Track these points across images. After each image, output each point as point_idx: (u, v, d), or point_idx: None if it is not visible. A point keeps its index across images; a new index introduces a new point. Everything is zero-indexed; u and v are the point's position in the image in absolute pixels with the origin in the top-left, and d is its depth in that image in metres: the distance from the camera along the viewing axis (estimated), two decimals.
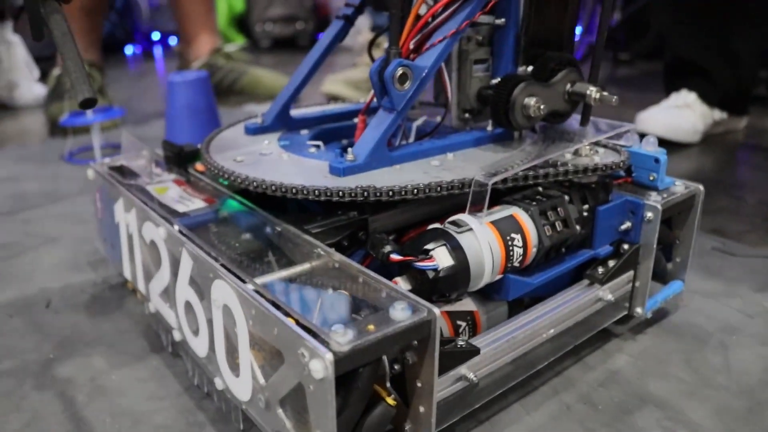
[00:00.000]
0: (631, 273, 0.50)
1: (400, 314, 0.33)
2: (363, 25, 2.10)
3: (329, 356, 0.30)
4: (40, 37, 0.38)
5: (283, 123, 0.55)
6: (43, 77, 1.55)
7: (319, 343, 0.30)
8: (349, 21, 0.56)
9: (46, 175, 0.98)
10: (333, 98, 1.54)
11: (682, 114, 1.13)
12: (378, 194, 0.40)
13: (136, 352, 0.51)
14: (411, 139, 0.52)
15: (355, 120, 0.58)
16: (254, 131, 0.54)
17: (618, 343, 0.52)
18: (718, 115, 1.16)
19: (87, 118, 1.11)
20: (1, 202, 0.86)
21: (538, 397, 0.46)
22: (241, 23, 2.61)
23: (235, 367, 0.39)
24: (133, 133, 0.63)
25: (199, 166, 0.55)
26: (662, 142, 1.12)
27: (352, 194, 0.40)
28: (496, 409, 0.44)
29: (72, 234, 0.75)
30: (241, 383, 0.38)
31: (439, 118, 0.51)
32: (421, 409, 0.36)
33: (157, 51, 2.58)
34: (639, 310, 0.51)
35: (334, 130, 0.57)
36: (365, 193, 0.40)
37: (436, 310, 0.33)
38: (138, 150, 0.60)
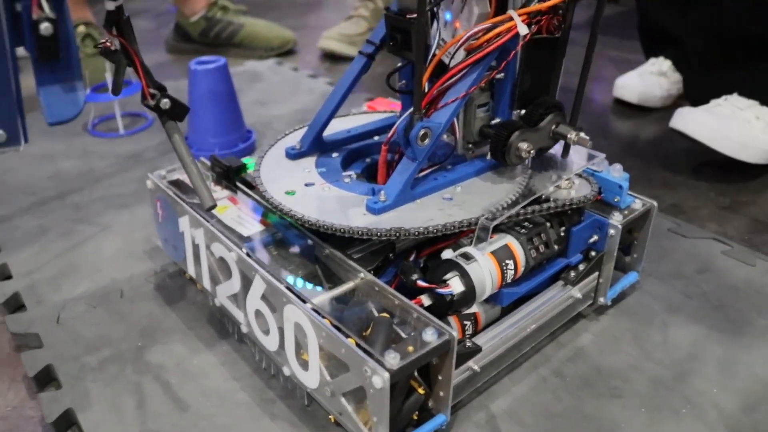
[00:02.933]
0: (596, 273, 0.64)
1: (430, 337, 0.47)
2: None
3: (386, 374, 0.43)
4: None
5: (317, 147, 0.66)
6: None
7: (377, 364, 0.44)
8: (371, 58, 0.66)
9: (76, 151, 1.07)
10: (329, 55, 1.61)
11: (656, 81, 1.24)
12: (407, 234, 0.52)
13: (207, 338, 0.65)
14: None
15: (376, 138, 0.70)
16: (294, 156, 0.65)
17: (585, 324, 0.67)
18: None
19: (109, 95, 1.19)
20: (46, 184, 0.96)
21: (522, 371, 0.61)
22: None
23: (303, 363, 0.52)
24: None
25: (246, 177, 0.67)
26: (637, 107, 1.23)
27: (388, 235, 0.52)
28: (491, 383, 0.59)
29: (121, 221, 0.86)
30: (310, 376, 0.52)
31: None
32: (441, 393, 0.51)
33: None
34: (602, 299, 0.66)
35: (359, 149, 0.68)
36: (397, 234, 0.52)
37: (455, 333, 0.47)
38: None
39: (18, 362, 0.63)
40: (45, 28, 0.34)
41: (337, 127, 0.70)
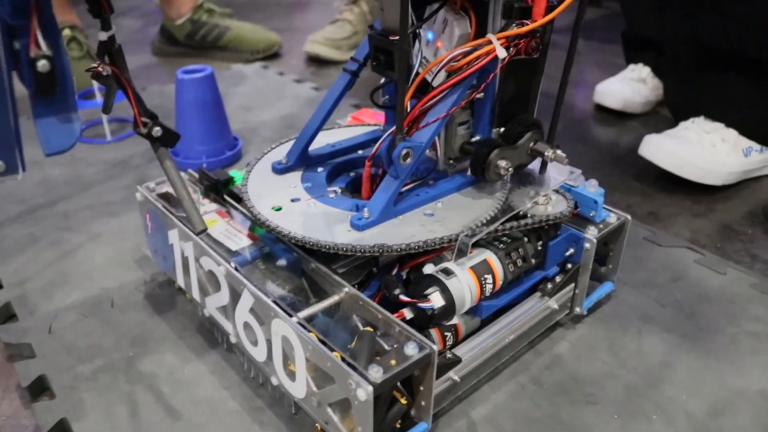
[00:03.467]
0: (573, 285, 0.66)
1: (411, 351, 0.49)
2: None
3: (370, 388, 0.45)
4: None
5: (303, 161, 0.68)
6: None
7: (361, 378, 0.46)
8: (355, 75, 0.67)
9: (63, 157, 1.07)
10: (314, 59, 1.63)
11: (636, 88, 1.28)
12: (389, 250, 0.55)
13: (197, 347, 0.67)
14: None
15: (360, 152, 0.72)
16: (281, 171, 0.67)
17: (562, 332, 0.69)
18: None
19: (96, 101, 1.20)
20: (34, 191, 0.97)
21: (501, 379, 0.63)
22: None
23: (290, 374, 0.54)
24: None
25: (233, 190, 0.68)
26: (617, 112, 1.26)
27: (371, 251, 0.54)
28: (471, 390, 0.62)
29: (110, 230, 0.87)
30: (297, 386, 0.54)
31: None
32: (423, 403, 0.53)
33: None
34: (578, 309, 0.68)
35: (343, 164, 0.70)
36: (380, 250, 0.55)
37: (435, 347, 0.49)
38: None
39: (11, 372, 0.65)
40: (42, 65, 0.36)
41: (322, 140, 0.71)
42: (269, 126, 1.21)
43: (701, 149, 0.96)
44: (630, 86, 1.28)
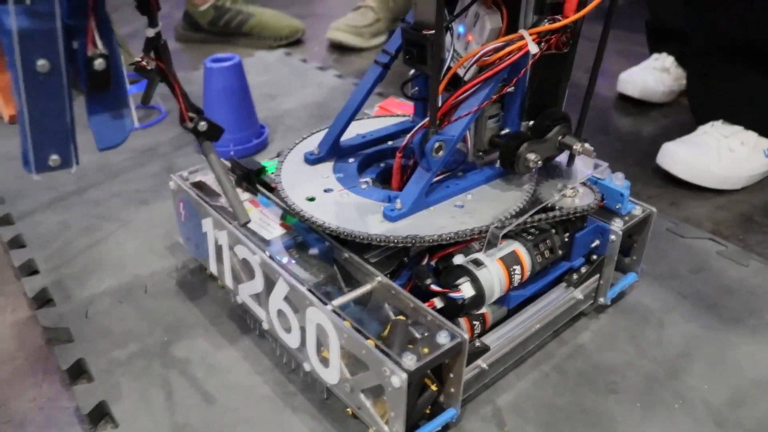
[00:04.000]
0: (597, 276, 0.67)
1: (443, 340, 0.50)
2: None
3: (404, 375, 0.47)
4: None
5: (334, 152, 0.69)
6: None
7: (396, 365, 0.48)
8: (386, 67, 0.68)
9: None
10: (337, 45, 1.64)
11: (659, 77, 1.27)
12: (422, 241, 0.56)
13: (229, 333, 0.69)
14: None
15: (389, 143, 0.73)
16: (313, 162, 0.68)
17: (585, 322, 0.71)
18: None
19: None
20: (64, 178, 0.99)
21: (526, 368, 0.65)
22: None
23: (323, 360, 0.56)
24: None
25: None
26: (640, 102, 1.26)
27: (404, 242, 0.56)
28: (497, 378, 0.63)
29: (140, 217, 0.89)
30: (330, 372, 0.55)
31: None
32: (452, 389, 0.55)
33: None
34: (602, 299, 0.69)
35: (373, 155, 0.72)
36: (413, 242, 0.56)
37: (466, 335, 0.51)
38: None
39: (50, 355, 0.67)
40: (99, 63, 0.37)
41: (352, 131, 0.73)
42: (294, 114, 1.22)
43: (718, 156, 0.96)
44: (653, 75, 1.28)
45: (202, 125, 0.48)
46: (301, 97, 1.30)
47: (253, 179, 0.70)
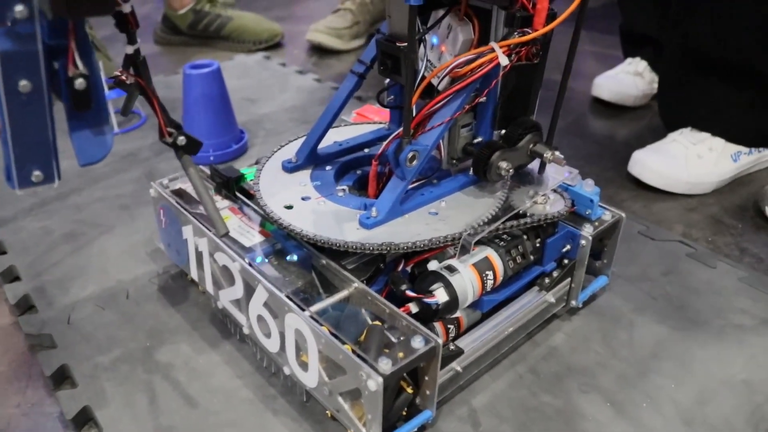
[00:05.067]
0: (569, 279, 0.70)
1: (418, 344, 0.52)
2: None
3: (380, 379, 0.49)
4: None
5: (311, 160, 0.71)
6: None
7: (372, 369, 0.49)
8: (362, 77, 0.70)
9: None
10: (316, 47, 1.65)
11: (633, 81, 1.30)
12: (397, 248, 0.58)
13: (210, 338, 0.70)
14: None
15: (366, 151, 0.75)
16: (291, 169, 0.70)
17: (558, 324, 0.73)
18: None
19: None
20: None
21: (500, 369, 0.67)
22: None
23: (302, 364, 0.58)
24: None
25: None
26: (614, 105, 1.29)
27: (379, 249, 0.58)
28: (472, 379, 0.65)
29: (122, 222, 0.90)
30: (309, 376, 0.57)
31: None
32: (428, 392, 0.56)
33: None
34: (573, 302, 0.72)
35: (350, 162, 0.73)
36: (388, 249, 0.58)
37: (440, 340, 0.53)
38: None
39: (33, 362, 0.68)
40: (79, 83, 0.39)
41: (329, 138, 0.74)
42: (273, 118, 1.23)
43: (686, 163, 0.99)
44: (627, 80, 1.31)
45: (181, 140, 0.49)
46: (281, 101, 1.31)
47: (232, 187, 0.71)
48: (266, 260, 0.62)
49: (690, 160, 0.99)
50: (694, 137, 1.01)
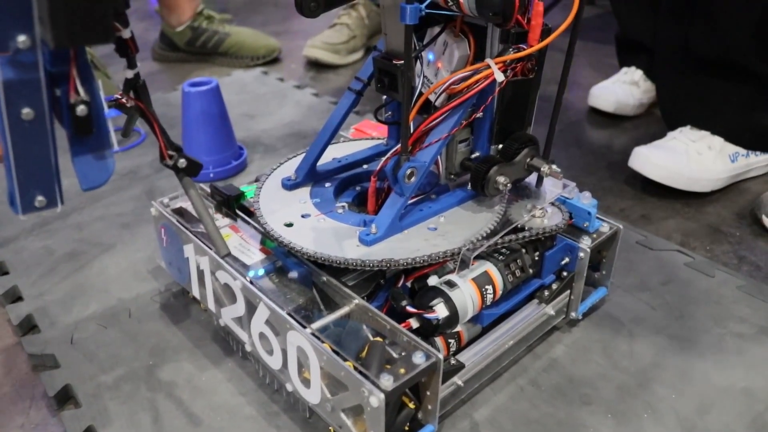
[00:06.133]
0: (568, 291, 0.70)
1: (419, 360, 0.52)
2: None
3: (382, 395, 0.49)
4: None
5: (311, 177, 0.71)
6: None
7: (374, 386, 0.50)
8: (359, 94, 0.71)
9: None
10: (313, 63, 1.66)
11: (629, 91, 1.31)
12: (396, 264, 0.58)
13: (213, 356, 0.70)
14: None
15: (365, 167, 0.76)
16: (290, 187, 0.70)
17: (558, 335, 0.73)
18: None
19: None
20: None
21: (502, 382, 0.67)
22: None
23: (305, 381, 0.58)
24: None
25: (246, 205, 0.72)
26: (611, 115, 1.30)
27: (379, 265, 0.58)
28: (473, 393, 0.65)
29: (123, 241, 0.90)
30: (311, 393, 0.57)
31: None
32: (429, 406, 0.57)
33: None
34: (573, 314, 0.72)
35: (349, 179, 0.74)
36: (388, 265, 0.58)
37: (440, 355, 0.53)
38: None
39: (36, 382, 0.68)
40: (81, 110, 0.39)
41: (328, 155, 0.75)
42: (272, 134, 1.24)
43: (687, 159, 1.00)
44: (623, 89, 1.32)
45: (182, 162, 0.49)
46: (279, 116, 1.32)
47: (232, 205, 0.72)
48: (264, 271, 0.63)
49: (691, 156, 1.00)
50: (694, 135, 1.02)
